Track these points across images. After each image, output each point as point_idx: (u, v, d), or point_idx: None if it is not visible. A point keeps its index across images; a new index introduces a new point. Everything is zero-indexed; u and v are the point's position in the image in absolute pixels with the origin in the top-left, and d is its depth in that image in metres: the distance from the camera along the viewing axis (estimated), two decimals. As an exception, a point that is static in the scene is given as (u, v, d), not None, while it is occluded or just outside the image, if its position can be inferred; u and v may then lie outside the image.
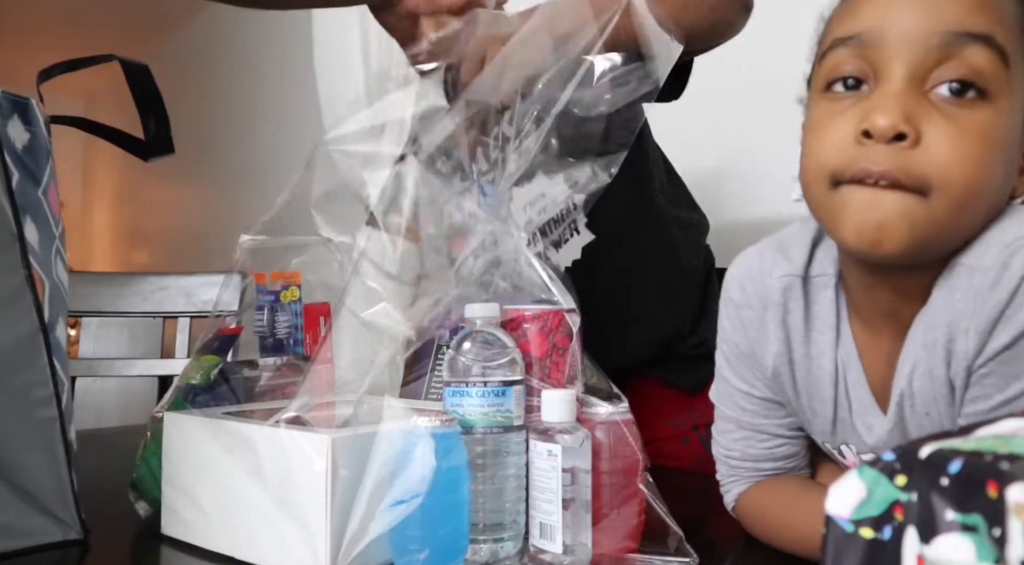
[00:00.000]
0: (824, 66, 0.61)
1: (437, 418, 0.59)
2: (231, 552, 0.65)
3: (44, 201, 0.67)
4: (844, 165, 0.57)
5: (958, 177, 0.54)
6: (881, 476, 0.37)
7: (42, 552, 0.65)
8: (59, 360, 0.67)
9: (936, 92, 0.56)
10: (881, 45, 0.57)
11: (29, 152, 0.66)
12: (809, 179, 0.60)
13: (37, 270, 0.65)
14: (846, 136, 0.57)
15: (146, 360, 1.56)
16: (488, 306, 0.67)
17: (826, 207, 0.59)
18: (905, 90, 0.56)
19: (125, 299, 1.58)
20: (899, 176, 0.55)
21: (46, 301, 0.66)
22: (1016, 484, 0.33)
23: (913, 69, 0.56)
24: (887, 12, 0.58)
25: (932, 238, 0.56)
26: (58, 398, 0.66)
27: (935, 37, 0.56)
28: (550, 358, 0.68)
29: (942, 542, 0.34)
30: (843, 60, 0.59)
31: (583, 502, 0.62)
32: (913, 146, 0.55)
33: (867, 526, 0.37)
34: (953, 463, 0.35)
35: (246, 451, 0.63)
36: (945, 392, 0.60)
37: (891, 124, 0.54)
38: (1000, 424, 0.40)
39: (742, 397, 0.72)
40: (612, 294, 1.04)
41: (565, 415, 0.62)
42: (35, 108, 0.67)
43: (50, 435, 0.66)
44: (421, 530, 0.57)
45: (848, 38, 0.59)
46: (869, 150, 0.56)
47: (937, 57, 0.56)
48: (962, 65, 0.55)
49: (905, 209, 0.55)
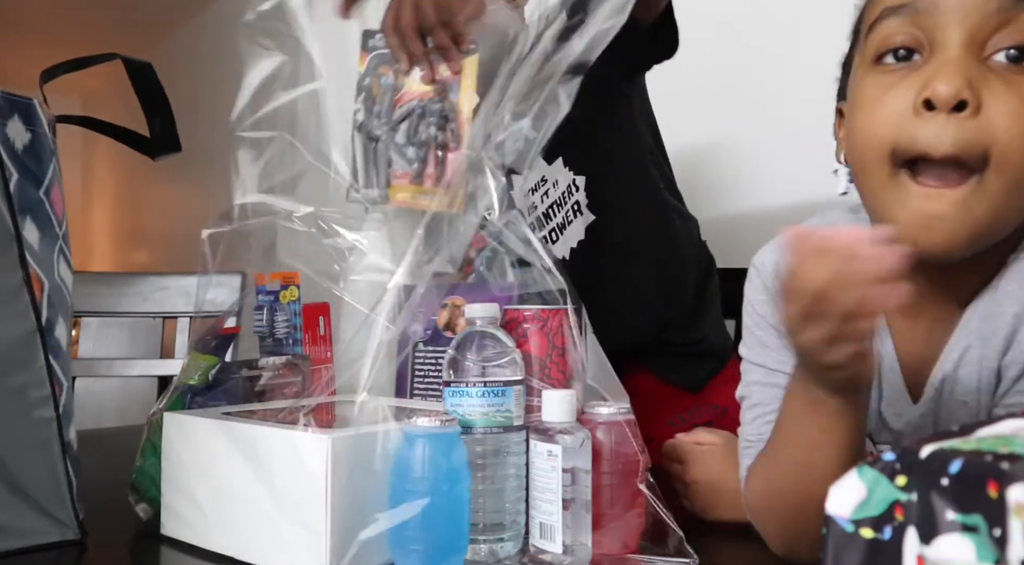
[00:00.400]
0: (873, 37, 0.59)
1: (437, 418, 0.59)
2: (231, 552, 0.65)
3: (46, 201, 0.67)
4: (906, 141, 0.54)
5: (1019, 148, 0.53)
6: (881, 476, 0.37)
7: (39, 552, 0.65)
8: (58, 361, 0.67)
9: (994, 59, 0.54)
10: (936, 12, 0.55)
11: (30, 152, 0.66)
12: (865, 159, 0.57)
13: (36, 270, 0.65)
14: (904, 109, 0.55)
15: (146, 360, 1.56)
16: (488, 306, 0.67)
17: (882, 195, 0.56)
18: (964, 56, 0.54)
19: (125, 299, 1.58)
20: (960, 155, 0.53)
21: (44, 301, 0.66)
22: (1017, 484, 0.33)
23: (971, 35, 0.54)
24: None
25: (988, 228, 0.54)
26: (55, 399, 0.66)
27: (993, 2, 0.54)
28: (550, 358, 0.67)
29: (942, 542, 0.34)
30: (895, 30, 0.57)
31: (583, 502, 0.61)
32: (974, 114, 0.53)
33: (867, 526, 0.37)
34: (953, 463, 0.35)
35: (246, 451, 0.63)
36: (992, 382, 0.59)
37: (954, 91, 0.52)
38: (1001, 424, 0.40)
39: (782, 377, 0.67)
40: (612, 274, 1.04)
41: (565, 415, 0.62)
42: (37, 108, 0.67)
43: (47, 435, 0.65)
44: (421, 530, 0.57)
45: (900, 6, 0.57)
46: (929, 123, 0.53)
47: (995, 23, 0.54)
48: (1021, 31, 0.54)
49: (963, 202, 0.53)
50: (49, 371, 0.65)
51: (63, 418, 0.67)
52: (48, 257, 0.67)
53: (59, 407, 0.66)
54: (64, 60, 0.74)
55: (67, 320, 0.69)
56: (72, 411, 0.69)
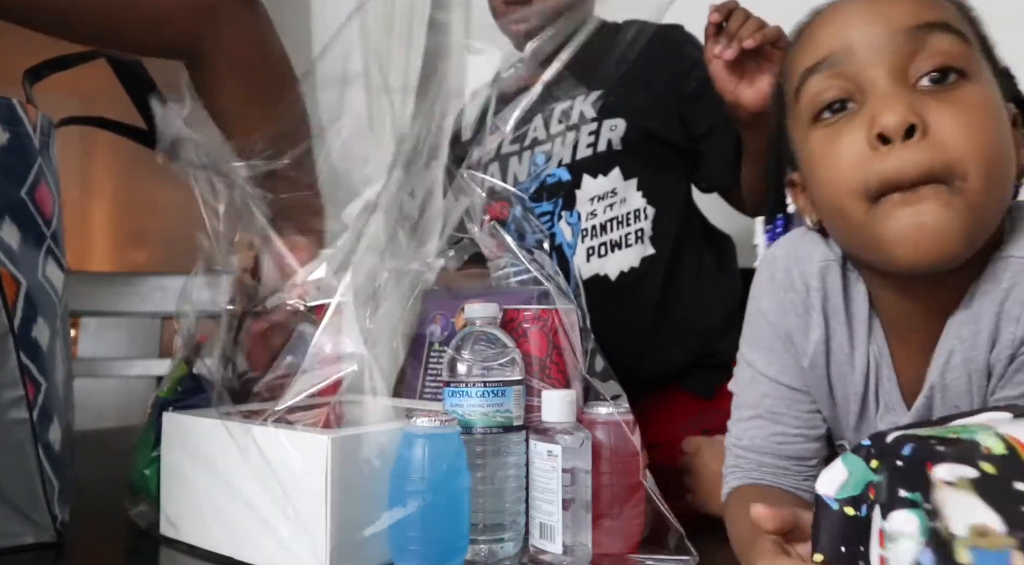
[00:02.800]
0: (803, 100, 0.61)
1: (437, 418, 0.59)
2: (230, 553, 0.65)
3: (29, 201, 0.67)
4: (875, 178, 0.56)
5: (977, 149, 0.54)
6: (860, 460, 0.42)
7: (14, 554, 0.65)
8: (34, 361, 0.66)
9: (921, 85, 0.57)
10: (853, 58, 0.58)
11: (9, 152, 0.65)
12: (841, 207, 0.59)
13: (10, 270, 0.64)
14: (860, 150, 0.57)
15: (145, 360, 1.56)
16: (488, 306, 0.67)
17: (868, 230, 0.57)
18: (896, 88, 0.57)
19: (124, 299, 1.58)
20: (928, 175, 0.54)
21: (20, 301, 0.65)
22: (943, 464, 0.38)
23: (892, 69, 0.57)
24: (845, 29, 0.59)
25: (977, 225, 0.56)
26: (29, 400, 0.65)
27: (899, 35, 0.57)
28: (550, 358, 0.68)
29: (895, 517, 0.39)
30: (822, 87, 0.60)
31: (583, 502, 0.61)
32: (924, 136, 0.55)
33: (849, 505, 0.42)
34: (906, 447, 0.40)
35: (246, 451, 0.63)
36: (983, 384, 0.60)
37: (901, 118, 0.54)
38: (977, 416, 0.43)
39: (766, 383, 0.70)
40: (657, 310, 1.06)
41: (565, 415, 0.62)
42: (18, 108, 0.66)
43: (21, 437, 0.65)
44: (421, 530, 0.57)
45: (817, 64, 0.60)
46: (889, 156, 0.55)
47: (908, 52, 0.57)
48: (934, 53, 0.56)
49: (946, 206, 0.54)
50: (22, 371, 0.65)
51: (41, 419, 0.66)
52: (30, 257, 0.67)
53: (34, 408, 0.66)
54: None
55: (51, 319, 0.68)
56: (56, 411, 0.68)
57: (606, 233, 1.06)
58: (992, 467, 0.38)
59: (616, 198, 1.06)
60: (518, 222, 0.80)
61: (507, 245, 0.72)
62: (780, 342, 0.69)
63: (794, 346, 0.69)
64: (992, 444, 0.39)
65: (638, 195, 1.06)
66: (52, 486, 0.67)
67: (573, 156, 1.07)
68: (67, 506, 0.69)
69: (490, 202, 0.76)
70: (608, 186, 1.06)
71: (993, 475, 0.37)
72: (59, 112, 0.74)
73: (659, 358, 1.03)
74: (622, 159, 1.06)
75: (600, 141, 1.07)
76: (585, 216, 1.06)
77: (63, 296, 0.71)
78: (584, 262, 1.06)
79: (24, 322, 0.65)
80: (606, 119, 1.06)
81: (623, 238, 1.06)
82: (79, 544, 0.69)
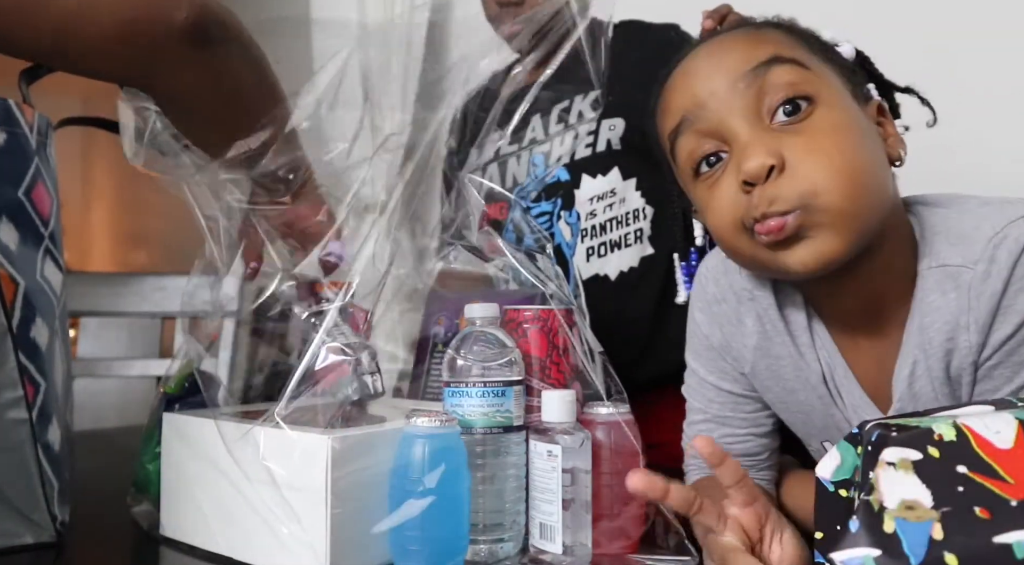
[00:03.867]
0: (680, 159, 0.65)
1: (437, 418, 0.59)
2: (231, 553, 0.65)
3: (27, 201, 0.67)
4: (749, 216, 0.60)
5: (831, 173, 0.58)
6: (850, 446, 0.47)
7: (14, 554, 0.65)
8: (33, 361, 0.66)
9: (777, 122, 0.60)
10: (707, 114, 0.62)
11: (5, 153, 0.65)
12: (729, 244, 0.63)
13: (8, 270, 0.64)
14: (733, 196, 0.61)
15: (145, 360, 1.56)
16: (488, 306, 0.67)
17: (758, 254, 0.61)
18: (754, 133, 0.60)
19: (124, 299, 1.58)
20: (782, 207, 0.58)
21: (18, 301, 0.65)
22: (892, 448, 0.43)
23: (745, 114, 0.61)
24: (691, 88, 0.63)
25: (854, 227, 0.58)
26: (28, 400, 0.65)
27: (740, 80, 0.61)
28: (550, 358, 0.68)
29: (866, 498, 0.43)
30: (690, 145, 0.64)
31: (583, 502, 0.62)
32: (781, 173, 0.58)
33: (843, 487, 0.46)
34: (874, 434, 0.44)
35: (247, 452, 0.63)
36: (947, 391, 0.61)
37: (760, 163, 0.58)
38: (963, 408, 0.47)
39: (710, 388, 0.75)
40: (655, 310, 1.05)
41: (565, 415, 0.62)
42: (14, 108, 0.66)
43: (20, 437, 0.65)
44: (421, 530, 0.57)
45: (679, 126, 0.64)
46: (755, 195, 0.59)
47: (754, 94, 0.60)
48: (776, 87, 0.60)
49: (819, 226, 0.58)
50: (21, 372, 0.65)
51: (40, 419, 0.66)
52: (28, 257, 0.67)
53: (33, 408, 0.66)
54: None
55: (49, 320, 0.68)
56: (55, 411, 0.68)
57: (605, 233, 1.06)
58: (937, 451, 0.43)
59: (615, 198, 1.06)
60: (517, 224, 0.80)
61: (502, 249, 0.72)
62: (715, 352, 0.74)
63: (731, 354, 0.73)
64: (945, 431, 0.44)
65: (637, 195, 1.07)
66: (51, 486, 0.67)
67: (572, 156, 1.07)
68: (67, 506, 0.69)
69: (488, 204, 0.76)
70: (607, 186, 1.06)
71: (936, 458, 0.43)
72: (59, 112, 0.74)
73: (658, 358, 1.03)
74: (621, 159, 1.06)
75: (599, 141, 1.07)
76: (584, 216, 1.06)
77: (62, 296, 0.71)
78: (584, 262, 1.06)
79: (23, 322, 0.65)
80: (605, 119, 1.06)
81: (622, 238, 1.06)
82: (79, 544, 0.69)
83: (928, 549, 0.40)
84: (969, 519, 0.41)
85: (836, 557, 0.43)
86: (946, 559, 0.40)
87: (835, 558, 0.43)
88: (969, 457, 0.42)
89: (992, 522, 0.40)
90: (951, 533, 0.40)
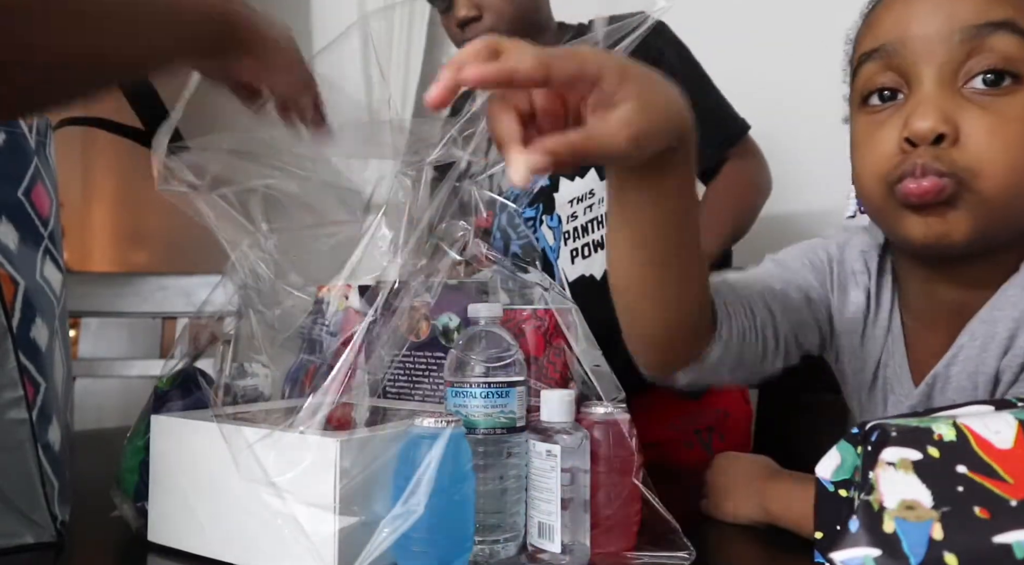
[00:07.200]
0: (857, 82, 0.62)
1: (442, 419, 0.59)
2: (229, 558, 0.63)
3: (26, 201, 0.67)
4: (895, 174, 0.58)
5: (1000, 164, 0.55)
6: (850, 447, 0.47)
7: (15, 554, 0.65)
8: (34, 361, 0.66)
9: (971, 86, 0.57)
10: (905, 52, 0.58)
11: (4, 153, 0.65)
12: (866, 190, 0.62)
13: (7, 271, 0.64)
14: (891, 147, 0.58)
15: (146, 360, 1.56)
16: (492, 306, 0.66)
17: (887, 210, 0.60)
18: (939, 91, 0.57)
19: (125, 299, 1.58)
20: (942, 168, 0.56)
21: (18, 301, 0.65)
22: (891, 447, 0.43)
23: (942, 69, 0.57)
24: (906, 19, 0.59)
25: (989, 222, 0.57)
26: (29, 400, 0.65)
27: (956, 34, 0.56)
28: (547, 358, 0.68)
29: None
30: (873, 73, 0.60)
31: (582, 502, 0.62)
32: (953, 144, 0.56)
33: (842, 487, 0.46)
34: (874, 434, 0.45)
35: (247, 455, 0.62)
36: (989, 388, 0.61)
37: (930, 127, 0.55)
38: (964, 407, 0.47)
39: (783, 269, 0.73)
40: None
41: (564, 415, 0.62)
42: None
43: (20, 437, 0.65)
44: (426, 531, 0.57)
45: (873, 51, 0.60)
46: (913, 156, 0.57)
47: (964, 52, 0.56)
48: (991, 55, 0.56)
49: (958, 206, 0.56)
50: (21, 372, 0.65)
51: (40, 419, 0.66)
52: (28, 257, 0.67)
53: (33, 408, 0.66)
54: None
55: (49, 320, 0.68)
56: (55, 412, 0.68)
57: (588, 234, 1.05)
58: (937, 451, 0.43)
59: (595, 199, 1.05)
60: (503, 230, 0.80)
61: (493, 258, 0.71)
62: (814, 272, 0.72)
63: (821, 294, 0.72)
64: (945, 431, 0.44)
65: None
66: (52, 486, 0.67)
67: None
68: (67, 506, 0.69)
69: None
70: (585, 188, 1.05)
71: (936, 458, 0.43)
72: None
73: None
74: None
75: None
76: (566, 219, 1.06)
77: (61, 296, 0.71)
78: (569, 264, 1.05)
79: (23, 323, 0.65)
80: None
81: (604, 238, 1.06)
82: (79, 544, 0.69)
83: (928, 549, 0.41)
84: (969, 519, 0.41)
85: (836, 557, 0.43)
86: (946, 559, 0.40)
87: (835, 558, 0.43)
88: (969, 457, 0.43)
89: (992, 522, 0.40)
90: (951, 533, 0.41)
